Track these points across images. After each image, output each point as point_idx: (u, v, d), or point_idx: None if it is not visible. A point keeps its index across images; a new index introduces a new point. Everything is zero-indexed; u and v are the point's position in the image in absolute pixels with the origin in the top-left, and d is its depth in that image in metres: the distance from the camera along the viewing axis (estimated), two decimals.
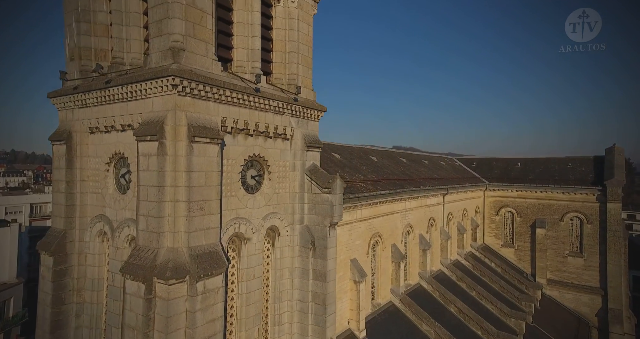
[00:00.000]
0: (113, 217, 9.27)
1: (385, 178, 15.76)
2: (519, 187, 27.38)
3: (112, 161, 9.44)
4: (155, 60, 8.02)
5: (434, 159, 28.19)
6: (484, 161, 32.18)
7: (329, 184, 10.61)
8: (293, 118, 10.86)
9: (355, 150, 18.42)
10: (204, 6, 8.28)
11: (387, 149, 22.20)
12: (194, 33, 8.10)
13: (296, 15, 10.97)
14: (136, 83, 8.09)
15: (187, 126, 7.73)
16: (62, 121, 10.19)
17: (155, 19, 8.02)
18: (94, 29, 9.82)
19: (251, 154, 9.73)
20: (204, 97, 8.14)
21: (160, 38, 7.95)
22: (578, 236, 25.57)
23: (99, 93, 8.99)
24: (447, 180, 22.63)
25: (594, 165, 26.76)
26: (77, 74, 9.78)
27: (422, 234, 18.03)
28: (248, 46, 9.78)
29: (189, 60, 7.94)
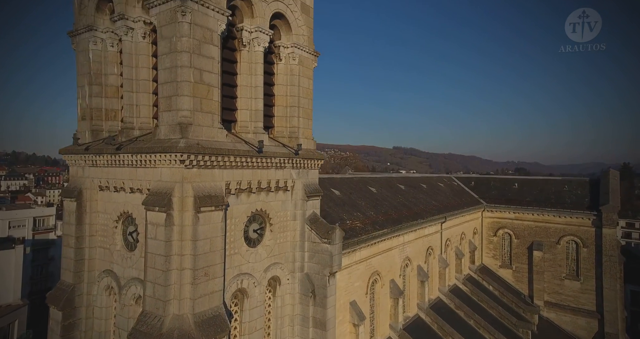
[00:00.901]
0: (120, 273, 9.66)
1: (384, 214, 16.15)
2: (517, 209, 27.75)
3: (120, 219, 9.85)
4: (164, 132, 8.46)
5: (432, 181, 28.60)
6: (482, 180, 32.57)
7: (328, 235, 11.00)
8: (294, 170, 11.28)
9: (355, 181, 18.84)
10: (210, 81, 8.74)
11: (385, 176, 22.62)
12: (201, 107, 8.54)
13: (297, 72, 11.44)
14: (145, 154, 8.52)
15: (194, 197, 8.14)
16: (73, 176, 10.61)
17: (164, 95, 8.47)
18: (105, 90, 10.29)
19: (254, 210, 10.13)
20: (209, 166, 8.56)
21: (169, 113, 8.40)
22: (575, 260, 25.89)
23: (110, 157, 9.42)
24: (445, 206, 23.01)
25: (590, 188, 27.14)
26: (89, 134, 10.23)
27: (420, 265, 18.39)
28: (251, 107, 10.23)
29: (196, 133, 8.37)
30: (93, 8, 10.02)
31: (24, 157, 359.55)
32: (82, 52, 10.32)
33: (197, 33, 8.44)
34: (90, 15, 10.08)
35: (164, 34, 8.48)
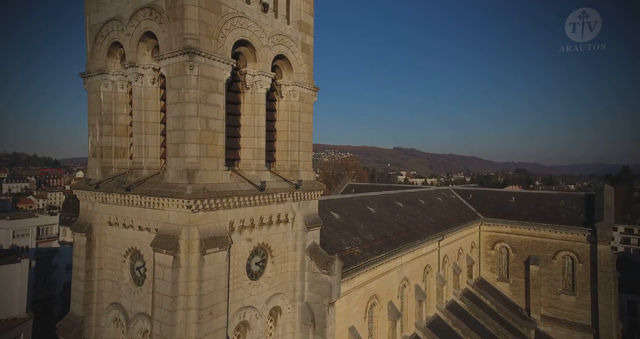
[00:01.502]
0: (128, 307, 10.11)
1: (382, 236, 16.59)
2: (513, 223, 28.17)
3: (128, 254, 10.31)
4: (172, 176, 8.93)
5: (430, 195, 29.04)
6: (479, 193, 33.01)
7: (327, 266, 11.45)
8: (295, 203, 11.73)
9: (354, 202, 19.30)
10: (216, 127, 9.22)
11: (384, 194, 23.07)
12: (207, 153, 9.02)
13: (298, 108, 11.92)
14: (154, 197, 8.99)
15: (200, 239, 8.61)
16: (83, 211, 11.09)
17: (173, 141, 8.95)
18: (115, 129, 10.77)
19: (256, 245, 10.59)
20: (214, 208, 9.03)
21: (177, 159, 8.87)
22: (570, 274, 26.29)
23: (119, 196, 9.89)
24: (443, 222, 23.44)
25: (585, 203, 27.57)
26: (99, 171, 10.70)
27: (417, 284, 18.81)
28: (254, 146, 10.71)
29: (202, 178, 8.84)
30: (105, 53, 10.52)
31: (24, 158, 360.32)
32: (94, 94, 10.82)
33: (204, 84, 8.93)
34: (102, 60, 10.58)
35: (172, 84, 8.97)
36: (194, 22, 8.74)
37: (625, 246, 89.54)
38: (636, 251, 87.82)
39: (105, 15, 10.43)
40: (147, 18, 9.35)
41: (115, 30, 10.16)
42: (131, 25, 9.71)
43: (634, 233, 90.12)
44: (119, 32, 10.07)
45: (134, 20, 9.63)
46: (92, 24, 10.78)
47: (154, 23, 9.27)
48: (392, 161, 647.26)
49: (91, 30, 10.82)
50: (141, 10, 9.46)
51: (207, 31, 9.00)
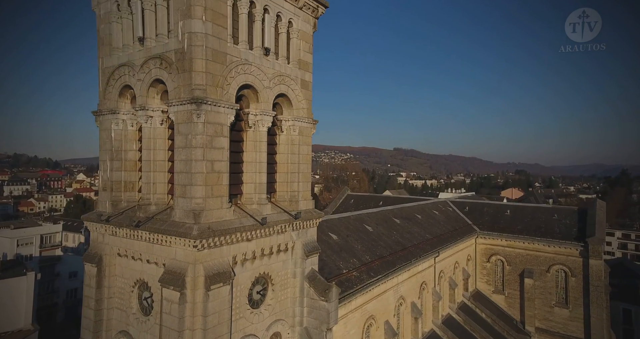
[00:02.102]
0: (136, 336, 10.70)
1: (379, 257, 17.19)
2: (508, 237, 28.78)
3: (136, 284, 10.91)
4: (179, 215, 9.56)
5: (427, 209, 29.65)
6: (476, 205, 33.62)
7: (325, 294, 12.06)
8: (294, 232, 12.34)
9: (352, 220, 19.91)
10: (220, 168, 9.86)
11: (381, 210, 23.69)
12: (212, 193, 9.65)
13: (297, 141, 12.56)
14: (162, 234, 9.61)
15: (205, 276, 9.23)
16: (94, 241, 11.70)
17: (180, 183, 9.59)
18: (125, 165, 11.40)
19: (257, 275, 11.19)
20: (218, 245, 9.65)
21: (184, 199, 9.51)
22: (564, 288, 26.88)
23: (129, 231, 10.51)
24: (440, 238, 24.04)
25: (578, 218, 28.18)
26: (109, 204, 11.32)
27: (414, 301, 19.40)
28: (256, 181, 11.33)
29: (207, 218, 9.46)
30: (116, 94, 11.16)
31: (25, 159, 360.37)
32: (105, 131, 11.45)
33: (210, 130, 9.57)
34: (113, 100, 11.22)
35: (181, 130, 9.61)
36: (201, 73, 9.39)
37: (622, 251, 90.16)
38: (633, 256, 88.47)
39: (118, 60, 11.08)
40: (158, 67, 9.99)
41: (126, 75, 10.80)
42: (142, 72, 10.35)
43: (631, 239, 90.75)
44: (130, 76, 10.71)
45: (145, 67, 10.27)
46: (105, 66, 11.43)
47: (163, 72, 9.91)
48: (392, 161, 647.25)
49: (104, 73, 11.46)
50: (152, 59, 10.10)
51: (214, 81, 9.65)
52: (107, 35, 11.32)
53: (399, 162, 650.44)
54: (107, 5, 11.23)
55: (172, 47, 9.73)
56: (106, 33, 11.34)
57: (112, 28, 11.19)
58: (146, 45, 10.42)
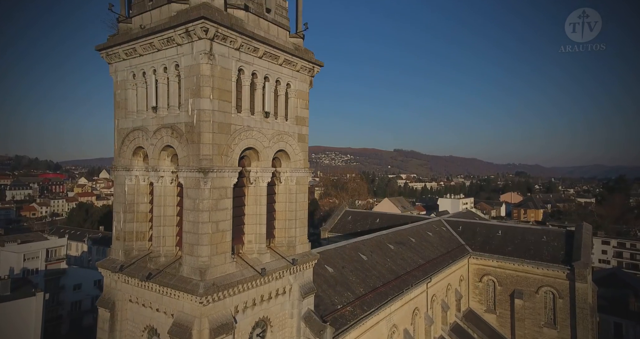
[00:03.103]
0: None
1: (372, 289, 18.24)
2: (499, 258, 29.84)
3: (146, 329, 11.97)
4: (186, 271, 10.65)
5: (422, 230, 30.71)
6: (469, 225, 34.69)
7: (320, 334, 13.14)
8: (291, 276, 13.41)
9: (347, 250, 20.98)
10: (224, 227, 10.96)
11: (376, 236, 24.76)
12: (217, 251, 10.74)
13: (295, 190, 13.67)
14: (171, 289, 10.69)
15: (209, 329, 10.30)
16: (107, 287, 12.78)
17: (188, 242, 10.68)
18: (137, 216, 12.50)
19: (257, 320, 12.25)
20: (222, 298, 10.72)
21: (191, 257, 10.60)
22: (552, 309, 27.91)
23: (140, 282, 11.58)
24: (432, 262, 25.09)
25: (566, 240, 29.25)
26: (122, 252, 12.41)
27: (406, 328, 20.42)
28: (256, 232, 12.43)
29: (212, 274, 10.55)
30: (130, 153, 12.28)
31: (26, 161, 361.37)
32: (119, 186, 12.56)
33: (215, 194, 10.68)
34: (127, 159, 12.34)
35: (189, 194, 10.71)
36: (209, 145, 10.51)
37: (618, 260, 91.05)
38: (628, 265, 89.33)
39: (132, 124, 12.20)
40: (169, 135, 11.11)
41: (140, 138, 11.92)
42: (155, 138, 11.48)
43: (626, 247, 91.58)
44: (143, 140, 11.83)
45: (158, 134, 11.39)
46: (120, 127, 12.56)
47: (174, 140, 11.03)
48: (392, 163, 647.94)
49: (119, 133, 12.59)
50: (164, 128, 11.22)
51: (219, 150, 10.77)
52: (123, 100, 12.46)
53: (399, 163, 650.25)
54: (123, 74, 12.38)
55: (182, 120, 10.86)
56: (122, 98, 12.49)
57: (128, 94, 12.34)
58: (159, 114, 11.56)
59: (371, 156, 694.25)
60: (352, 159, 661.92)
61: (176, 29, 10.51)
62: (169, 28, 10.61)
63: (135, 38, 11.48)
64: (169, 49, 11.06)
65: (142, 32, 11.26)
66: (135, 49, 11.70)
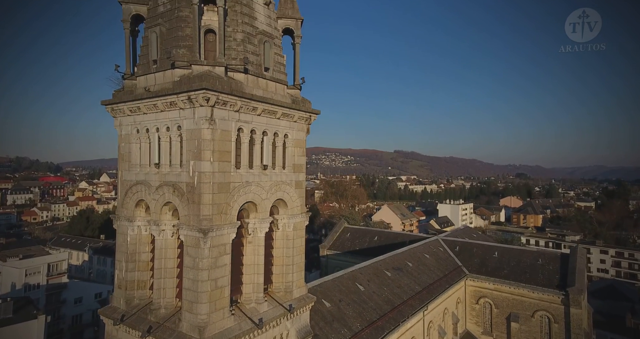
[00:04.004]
0: None
1: (369, 323, 18.59)
2: (495, 281, 30.15)
3: None
4: (186, 328, 11.06)
5: (419, 251, 31.06)
6: (466, 245, 35.02)
7: None
8: (288, 321, 13.80)
9: (345, 280, 21.36)
10: (223, 283, 11.37)
11: (373, 263, 25.13)
12: (215, 307, 11.16)
13: (292, 236, 14.09)
14: None
15: None
16: (109, 334, 13.15)
17: (187, 299, 11.10)
18: (138, 266, 12.94)
19: None
20: None
21: (190, 314, 11.02)
22: (547, 333, 28.18)
23: (140, 334, 11.97)
24: (429, 288, 25.44)
25: (560, 263, 29.53)
26: (123, 301, 12.83)
27: None
28: (254, 281, 12.85)
29: (210, 331, 10.96)
30: (133, 205, 12.73)
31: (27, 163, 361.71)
32: (122, 235, 13.01)
33: (214, 252, 11.10)
34: (130, 210, 12.79)
35: (189, 252, 11.15)
36: (208, 206, 10.95)
37: (616, 269, 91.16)
38: (627, 274, 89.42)
39: (135, 177, 12.66)
40: (171, 193, 11.57)
41: (143, 192, 12.38)
42: (157, 194, 11.93)
43: (624, 257, 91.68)
44: (146, 194, 12.28)
45: (160, 190, 11.85)
46: (124, 179, 13.02)
47: (176, 198, 11.48)
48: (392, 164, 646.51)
49: (122, 184, 13.05)
50: (166, 185, 11.68)
51: (219, 209, 11.21)
52: (127, 153, 12.92)
53: (399, 164, 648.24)
54: (127, 128, 12.85)
55: (184, 180, 11.31)
56: (126, 151, 12.95)
57: (132, 148, 12.80)
58: (161, 170, 12.01)
59: (371, 157, 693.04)
60: (353, 160, 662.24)
61: (179, 95, 10.99)
62: (172, 94, 11.09)
63: (140, 98, 11.96)
64: (171, 111, 11.53)
65: (146, 94, 11.74)
66: (140, 107, 12.17)
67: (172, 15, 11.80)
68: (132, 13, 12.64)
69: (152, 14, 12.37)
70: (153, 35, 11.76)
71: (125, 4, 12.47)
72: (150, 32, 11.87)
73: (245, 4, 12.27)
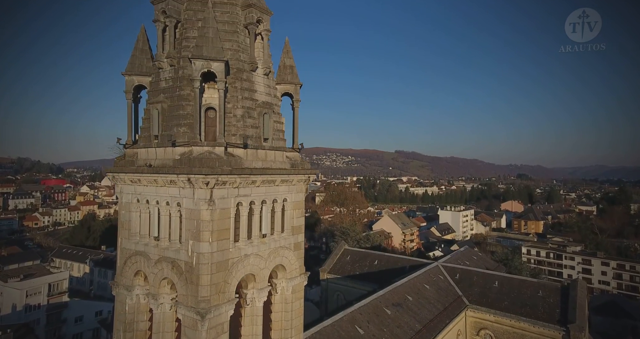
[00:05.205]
0: None
1: None
2: (497, 313, 30.08)
3: None
4: None
5: (419, 282, 31.01)
6: (466, 273, 34.95)
7: None
8: None
9: (344, 324, 21.33)
10: None
11: (373, 301, 25.10)
12: None
13: (290, 299, 14.07)
14: None
15: None
16: None
17: None
18: (136, 335, 12.95)
19: None
20: None
21: None
22: None
23: None
24: (429, 325, 25.41)
25: (561, 297, 29.44)
26: None
27: None
28: None
29: None
30: (132, 274, 12.78)
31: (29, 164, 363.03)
32: (120, 303, 13.05)
33: (212, 333, 11.08)
34: (129, 279, 12.84)
35: (187, 333, 11.15)
36: (207, 287, 10.98)
37: (617, 282, 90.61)
38: (628, 287, 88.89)
39: (135, 246, 12.71)
40: (170, 269, 11.61)
41: (142, 263, 12.42)
42: (156, 268, 11.97)
43: (625, 269, 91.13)
44: (145, 266, 12.32)
45: (159, 265, 11.89)
46: (123, 246, 13.08)
47: (174, 275, 11.52)
48: (393, 164, 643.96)
49: (122, 252, 13.11)
50: (165, 261, 11.73)
51: (217, 289, 11.23)
52: (127, 221, 12.98)
53: (400, 165, 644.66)
54: (128, 197, 12.92)
55: (182, 258, 11.35)
56: (126, 219, 13.01)
57: (132, 216, 12.85)
58: (160, 244, 12.06)
59: (372, 157, 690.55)
60: (354, 160, 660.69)
61: (179, 175, 11.05)
62: (172, 173, 11.16)
63: (140, 172, 12.03)
64: (171, 188, 11.60)
65: (147, 169, 11.82)
66: (140, 180, 12.25)
67: (173, 93, 11.89)
68: (135, 84, 12.75)
69: (154, 88, 12.47)
70: (155, 111, 11.84)
71: (129, 76, 12.58)
72: (152, 108, 11.95)
73: (246, 79, 12.35)
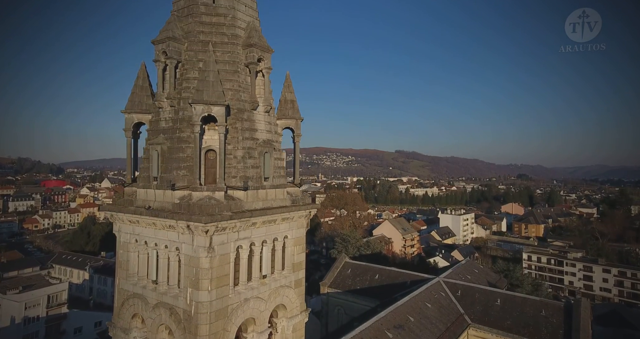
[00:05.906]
0: None
1: None
2: (499, 333, 29.69)
3: None
4: None
5: (420, 301, 30.67)
6: (467, 289, 34.60)
7: None
8: None
9: None
10: None
11: (374, 323, 24.76)
12: None
13: (292, 338, 13.84)
14: None
15: None
16: None
17: None
18: None
19: None
20: None
21: None
22: None
23: None
24: None
25: (564, 317, 29.10)
26: None
27: None
28: None
29: None
30: (129, 317, 12.55)
31: (29, 164, 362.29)
32: None
33: None
34: (126, 321, 12.61)
35: None
36: (205, 337, 10.74)
37: (619, 289, 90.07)
38: (629, 294, 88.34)
39: (133, 288, 12.47)
40: (168, 316, 11.37)
41: (139, 306, 12.19)
42: (154, 313, 11.74)
43: (627, 276, 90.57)
44: (143, 310, 12.09)
45: (157, 310, 11.66)
46: (121, 287, 12.84)
47: (172, 323, 11.28)
48: (393, 164, 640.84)
49: (119, 293, 12.87)
50: (163, 306, 11.49)
51: (216, 338, 10.98)
52: (125, 261, 12.75)
53: (400, 164, 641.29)
54: (126, 236, 12.69)
55: (181, 305, 11.11)
56: (124, 259, 12.78)
57: (130, 257, 12.62)
58: (158, 289, 11.83)
59: (372, 157, 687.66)
60: (354, 160, 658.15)
61: (178, 221, 10.82)
62: (171, 219, 10.92)
63: (139, 214, 11.80)
64: (170, 232, 11.36)
65: (146, 211, 11.58)
66: (139, 221, 12.02)
67: (173, 134, 11.67)
68: (135, 122, 12.53)
69: (154, 127, 12.25)
70: (154, 152, 11.62)
71: (128, 114, 12.36)
72: (152, 149, 11.72)
73: (246, 119, 12.13)
